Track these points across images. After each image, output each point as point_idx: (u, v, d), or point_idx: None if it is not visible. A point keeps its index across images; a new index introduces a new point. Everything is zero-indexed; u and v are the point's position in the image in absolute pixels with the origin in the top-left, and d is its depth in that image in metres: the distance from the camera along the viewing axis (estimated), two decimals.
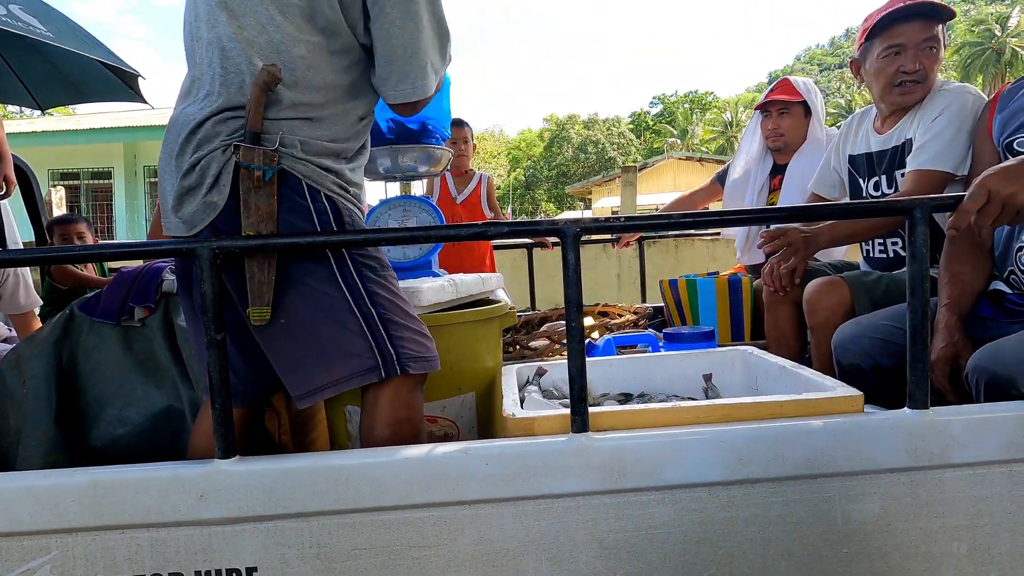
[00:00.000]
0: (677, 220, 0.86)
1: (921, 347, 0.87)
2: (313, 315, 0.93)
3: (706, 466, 0.86)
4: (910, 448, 0.87)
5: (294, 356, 0.95)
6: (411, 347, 0.97)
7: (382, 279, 0.97)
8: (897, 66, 1.45)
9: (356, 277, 0.94)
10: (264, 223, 0.89)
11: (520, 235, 0.90)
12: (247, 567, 0.87)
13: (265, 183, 0.89)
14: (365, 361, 0.94)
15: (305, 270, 0.93)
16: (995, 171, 0.87)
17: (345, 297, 0.93)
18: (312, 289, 0.93)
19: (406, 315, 0.99)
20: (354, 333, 0.93)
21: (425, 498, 0.85)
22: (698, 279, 1.98)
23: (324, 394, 0.94)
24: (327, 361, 0.94)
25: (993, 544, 0.90)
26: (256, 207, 0.89)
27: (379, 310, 0.95)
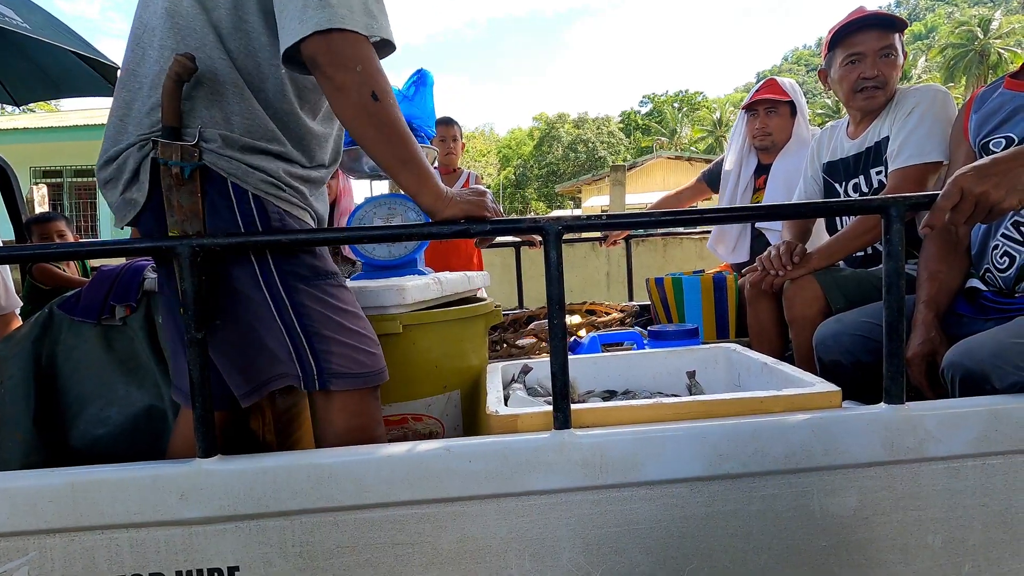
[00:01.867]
0: (658, 218, 0.86)
1: (897, 343, 0.89)
2: (241, 317, 0.92)
3: (687, 462, 0.87)
4: (886, 442, 0.88)
5: (227, 356, 0.94)
6: (339, 362, 0.94)
7: (314, 288, 0.93)
8: (857, 73, 1.52)
9: (280, 286, 0.91)
10: (189, 221, 0.86)
11: (502, 233, 0.90)
12: (229, 567, 0.86)
13: (186, 180, 0.86)
14: (289, 367, 0.93)
15: (230, 273, 0.91)
16: (968, 170, 0.89)
17: (268, 305, 0.91)
18: (239, 292, 0.91)
19: (340, 328, 0.95)
20: (277, 340, 0.92)
21: (407, 496, 0.85)
22: (684, 277, 2.00)
23: (252, 397, 0.95)
24: (252, 363, 0.93)
25: (967, 536, 0.92)
26: (179, 205, 0.86)
27: (303, 321, 0.92)
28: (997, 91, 1.23)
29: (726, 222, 1.70)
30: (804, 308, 1.44)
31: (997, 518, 0.92)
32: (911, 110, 1.45)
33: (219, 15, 0.90)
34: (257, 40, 0.92)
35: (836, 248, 1.48)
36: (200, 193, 0.88)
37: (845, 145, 1.63)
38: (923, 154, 1.40)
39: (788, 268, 1.46)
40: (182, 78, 0.84)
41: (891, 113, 1.51)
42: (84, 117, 10.81)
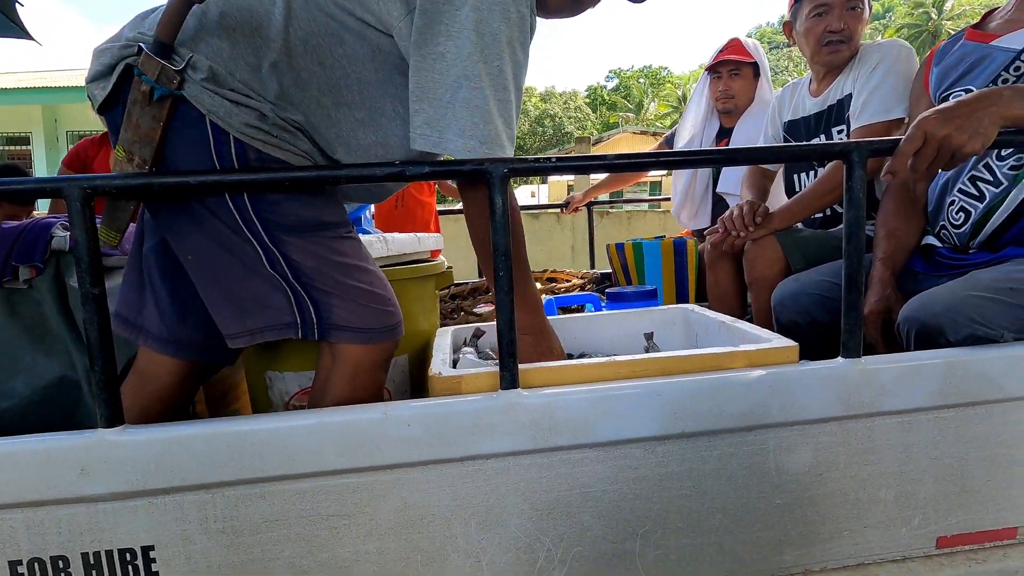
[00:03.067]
0: (610, 162, 0.80)
1: (855, 295, 0.86)
2: (225, 257, 0.83)
3: (641, 421, 0.83)
4: (843, 397, 0.86)
5: (212, 296, 0.86)
6: (341, 315, 0.87)
7: (304, 241, 0.84)
8: (824, 26, 1.47)
9: (264, 235, 0.83)
10: (140, 145, 0.77)
11: (443, 176, 0.82)
12: (143, 546, 0.78)
13: (152, 102, 0.76)
14: (282, 315, 0.85)
15: (211, 209, 0.82)
16: (932, 113, 0.85)
17: (255, 249, 0.83)
18: (222, 232, 0.82)
19: (339, 284, 0.86)
20: (270, 285, 0.84)
21: (341, 464, 0.78)
22: (644, 242, 1.96)
23: (237, 343, 0.87)
24: (240, 309, 0.85)
25: (918, 489, 0.91)
26: (136, 124, 0.77)
27: (295, 272, 0.84)
28: (958, 43, 1.20)
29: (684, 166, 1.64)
30: (765, 269, 1.42)
31: (947, 471, 0.91)
32: (875, 66, 1.42)
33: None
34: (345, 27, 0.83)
35: (798, 208, 1.45)
36: (165, 122, 0.78)
37: (807, 103, 1.60)
38: (887, 111, 1.38)
39: (750, 229, 1.42)
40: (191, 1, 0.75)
41: (855, 69, 1.48)
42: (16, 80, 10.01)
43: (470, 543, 0.83)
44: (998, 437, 0.91)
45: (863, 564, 0.92)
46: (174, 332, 0.94)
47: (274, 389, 1.12)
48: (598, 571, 0.86)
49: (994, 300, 0.94)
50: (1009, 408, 0.91)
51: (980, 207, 1.10)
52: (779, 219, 1.44)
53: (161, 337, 0.94)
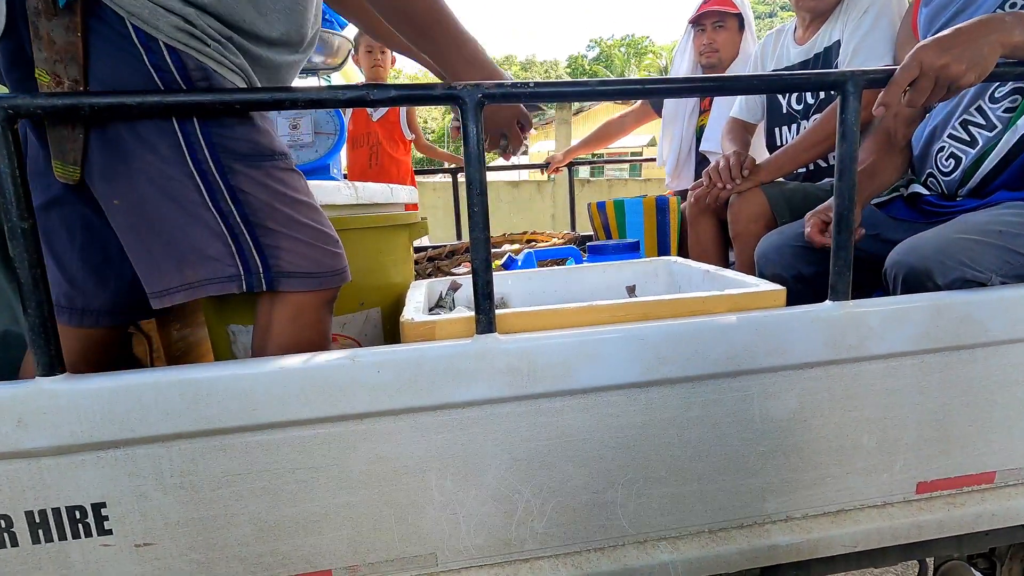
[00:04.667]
0: (594, 88, 0.74)
1: (846, 235, 0.83)
2: (160, 200, 0.74)
3: (624, 367, 0.79)
4: (829, 341, 0.84)
5: (142, 246, 0.76)
6: (289, 259, 0.80)
7: (256, 171, 0.77)
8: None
9: (212, 165, 0.74)
10: (64, 64, 0.68)
11: (413, 101, 0.75)
12: (93, 503, 0.73)
13: (60, 10, 0.66)
14: (224, 267, 0.76)
15: (145, 141, 0.72)
16: (928, 42, 0.81)
17: (197, 186, 0.74)
18: (156, 169, 0.73)
19: (290, 220, 0.80)
20: (210, 231, 0.75)
21: (308, 413, 0.73)
22: (626, 200, 1.91)
23: (174, 298, 0.77)
24: (178, 259, 0.76)
25: (900, 435, 0.90)
26: (48, 40, 0.67)
27: (243, 209, 0.76)
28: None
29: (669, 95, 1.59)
30: (749, 223, 1.39)
31: (930, 416, 0.90)
32: (864, 10, 1.37)
33: None
34: None
35: (785, 159, 1.41)
36: (81, 31, 0.68)
37: (792, 52, 1.55)
38: (879, 59, 1.34)
39: (737, 180, 1.38)
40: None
41: (843, 15, 1.43)
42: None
43: (445, 495, 0.80)
44: (981, 381, 0.90)
45: (844, 510, 0.91)
46: (90, 299, 0.85)
47: (238, 343, 1.05)
48: (578, 522, 0.84)
49: (983, 243, 0.92)
50: (993, 352, 0.89)
51: (972, 153, 1.08)
52: (766, 171, 1.40)
53: (74, 308, 0.84)
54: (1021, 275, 0.93)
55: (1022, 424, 0.94)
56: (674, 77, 1.96)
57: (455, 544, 0.81)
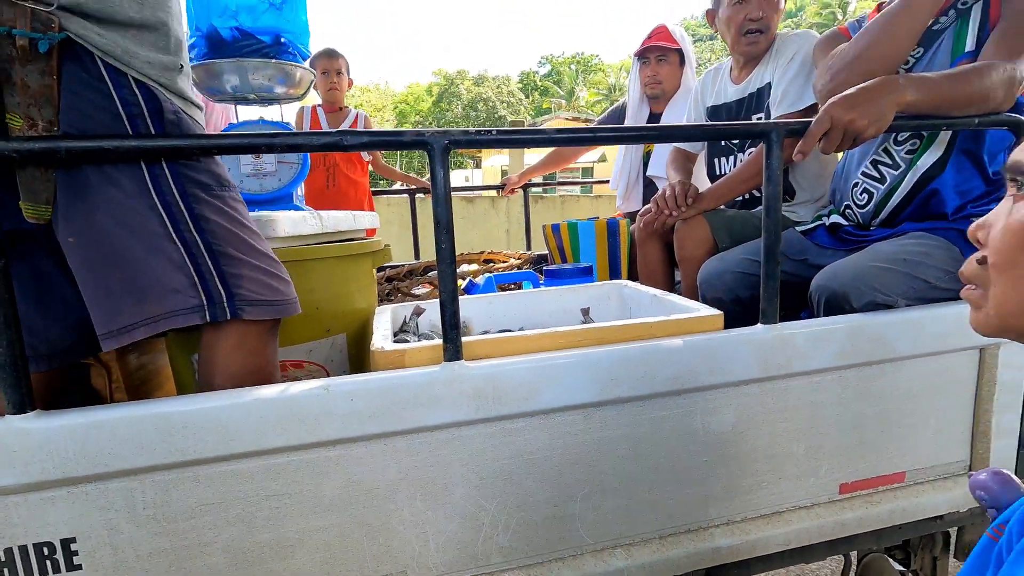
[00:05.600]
0: (549, 136, 0.82)
1: (773, 265, 0.93)
2: (119, 234, 0.75)
3: (580, 389, 0.86)
4: (761, 360, 0.93)
5: (99, 284, 0.76)
6: (250, 287, 0.82)
7: (217, 200, 0.80)
8: (744, 14, 1.56)
9: (177, 195, 0.76)
10: (39, 107, 0.70)
11: (381, 146, 0.81)
12: (62, 539, 0.73)
13: (38, 55, 0.68)
14: (186, 299, 0.78)
15: (108, 176, 0.74)
16: (838, 99, 0.93)
17: (161, 218, 0.76)
18: (117, 203, 0.74)
19: (250, 248, 0.83)
20: (172, 264, 0.77)
21: (282, 442, 0.76)
22: (579, 222, 2.00)
23: (134, 335, 0.77)
24: (138, 294, 0.76)
25: (824, 442, 1.01)
26: (23, 85, 0.68)
27: (206, 238, 0.78)
28: (863, 25, 1.30)
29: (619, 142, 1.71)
30: (694, 248, 1.50)
31: (849, 425, 1.02)
32: (792, 56, 1.52)
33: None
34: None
35: (725, 190, 1.54)
36: (56, 74, 0.70)
37: (729, 90, 1.69)
38: (802, 100, 1.48)
39: (682, 208, 1.50)
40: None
41: (773, 59, 1.57)
42: None
43: (416, 515, 0.84)
44: (891, 392, 1.02)
45: (778, 512, 1.01)
46: (52, 344, 0.84)
47: None
48: (541, 534, 0.89)
49: (891, 270, 1.04)
50: (900, 366, 1.02)
51: (882, 188, 1.22)
52: (708, 200, 1.52)
53: (38, 355, 0.83)
54: (923, 298, 1.06)
55: (926, 429, 1.07)
56: (623, 126, 2.09)
57: (425, 561, 0.86)
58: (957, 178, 1.14)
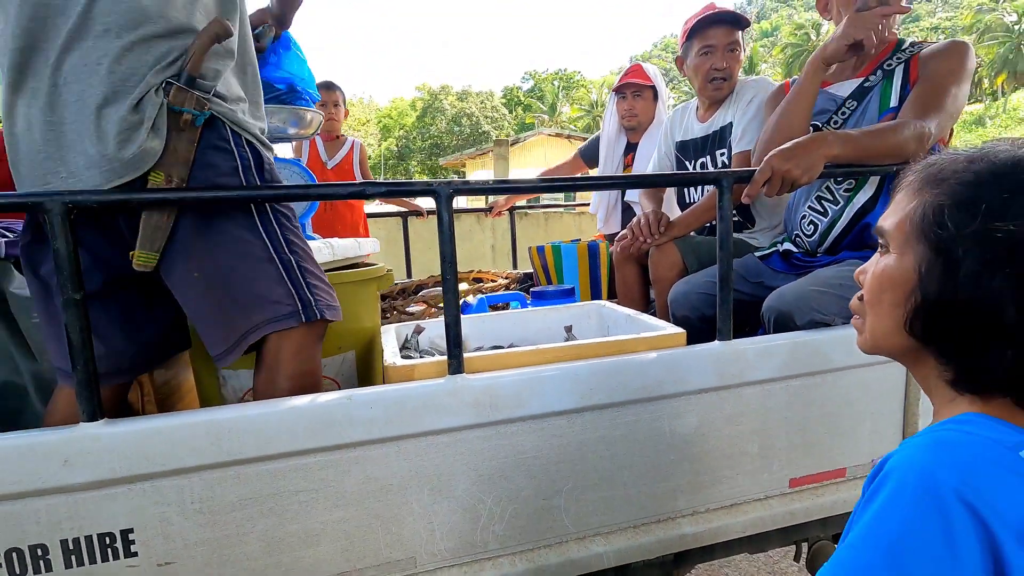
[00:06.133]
0: (541, 184, 0.97)
1: (727, 292, 1.09)
2: (234, 262, 0.93)
3: (563, 397, 1.01)
4: (718, 371, 1.09)
5: (215, 309, 0.94)
6: (323, 295, 1.01)
7: (295, 228, 1.01)
8: (710, 64, 1.76)
9: (275, 225, 0.97)
10: (177, 168, 0.88)
11: (397, 195, 0.96)
12: (122, 529, 0.85)
13: (193, 127, 0.88)
14: (284, 307, 0.95)
15: (224, 215, 0.93)
16: (777, 152, 1.11)
17: (264, 244, 0.95)
18: (233, 237, 0.93)
19: (316, 265, 1.03)
20: (273, 280, 0.95)
21: (311, 444, 0.90)
22: (562, 245, 2.17)
23: (243, 344, 0.94)
24: (246, 308, 0.94)
25: (775, 442, 1.17)
26: (174, 150, 0.87)
27: (295, 258, 0.98)
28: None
29: (599, 190, 1.91)
30: (665, 271, 1.67)
31: (796, 427, 1.18)
32: (751, 100, 1.71)
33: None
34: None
35: (692, 219, 1.72)
36: (197, 141, 0.91)
37: (695, 127, 1.88)
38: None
39: (655, 236, 1.67)
40: (219, 38, 0.90)
41: (734, 102, 1.76)
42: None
43: (423, 508, 0.97)
44: (831, 398, 1.19)
45: (736, 504, 1.16)
46: (118, 363, 1.00)
47: (228, 386, 1.19)
48: (531, 524, 1.03)
49: (828, 293, 1.22)
50: (838, 376, 1.18)
51: (825, 221, 1.40)
52: (678, 227, 1.69)
53: (109, 372, 0.99)
54: None
55: (863, 430, 1.23)
56: (600, 176, 2.31)
57: (431, 548, 0.99)
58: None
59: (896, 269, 0.57)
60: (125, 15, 0.85)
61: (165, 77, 0.89)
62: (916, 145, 1.16)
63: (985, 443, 0.50)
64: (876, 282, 0.59)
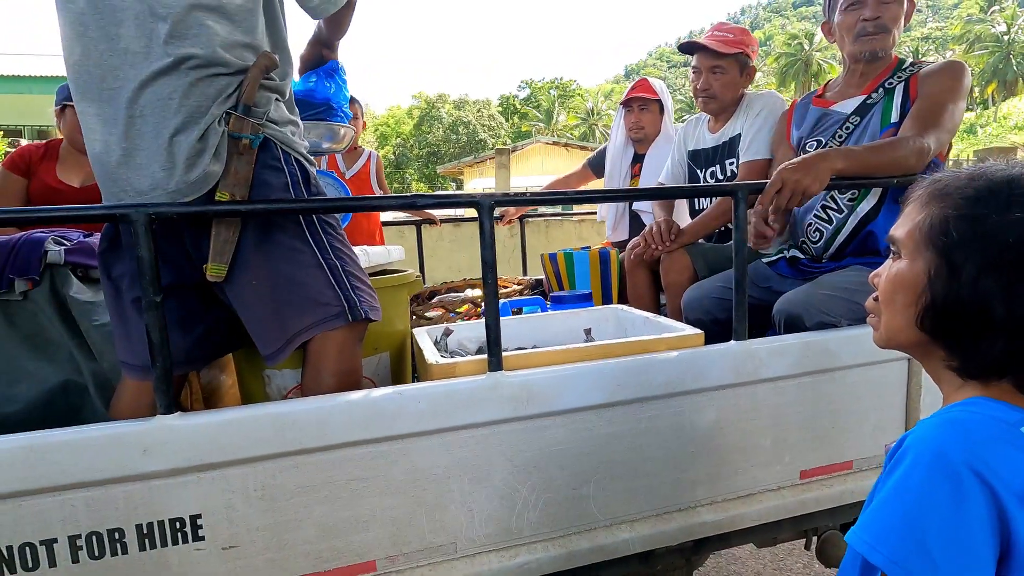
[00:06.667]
0: (575, 196, 1.06)
1: (742, 295, 1.18)
2: (287, 268, 1.02)
3: (592, 392, 1.09)
4: (734, 369, 1.17)
5: (269, 312, 1.02)
6: (367, 297, 1.10)
7: (340, 235, 1.11)
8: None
9: (322, 234, 1.06)
10: (239, 187, 0.97)
11: (444, 206, 1.06)
12: (191, 515, 0.93)
13: (250, 150, 0.97)
14: (332, 308, 1.04)
15: (278, 227, 1.02)
16: (788, 164, 1.20)
17: (313, 251, 1.04)
18: (285, 246, 1.02)
19: (359, 269, 1.12)
20: (322, 284, 1.04)
21: (365, 435, 0.97)
22: (574, 252, 2.25)
23: (294, 345, 1.03)
24: (298, 310, 1.02)
25: (787, 436, 1.25)
26: (235, 171, 0.97)
27: (341, 263, 1.07)
28: (808, 107, 1.60)
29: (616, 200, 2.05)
30: (677, 276, 1.75)
31: (806, 421, 1.26)
32: (757, 112, 1.81)
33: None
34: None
35: (700, 226, 1.80)
36: (254, 162, 1.00)
37: (706, 137, 1.97)
38: (765, 149, 1.77)
39: (667, 243, 1.75)
40: (269, 70, 1.01)
41: (742, 114, 1.86)
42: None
43: (464, 496, 1.05)
44: (838, 395, 1.27)
45: (751, 494, 1.24)
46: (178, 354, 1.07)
47: (272, 385, 1.26)
48: (562, 512, 1.11)
49: (835, 297, 1.30)
50: (845, 374, 1.26)
51: (829, 228, 1.49)
52: (688, 235, 1.78)
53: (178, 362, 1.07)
54: (860, 318, 1.32)
55: (868, 425, 1.31)
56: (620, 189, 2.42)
57: (470, 534, 1.06)
58: (889, 222, 1.41)
59: (908, 273, 0.66)
60: (204, 59, 0.96)
61: (225, 108, 0.99)
62: (916, 159, 1.26)
63: (990, 421, 0.58)
64: (890, 284, 0.68)
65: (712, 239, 1.96)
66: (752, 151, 1.81)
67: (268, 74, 1.01)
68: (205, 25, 0.95)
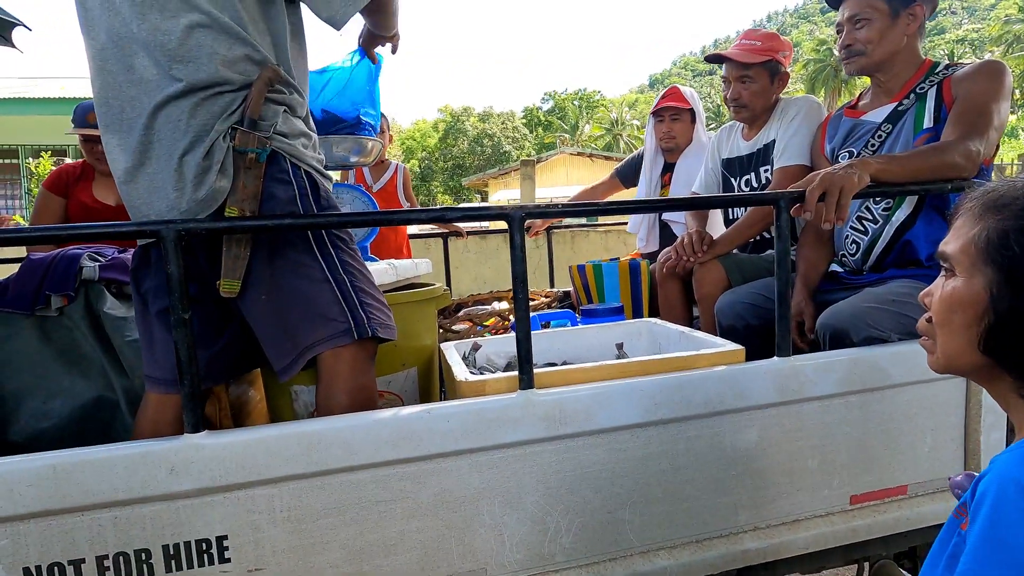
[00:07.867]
0: (608, 207, 1.02)
1: (785, 308, 1.12)
2: (295, 283, 1.00)
3: (628, 411, 1.04)
4: (778, 387, 1.11)
5: (278, 328, 1.01)
6: (377, 314, 1.07)
7: (351, 251, 1.08)
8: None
9: (331, 248, 1.04)
10: (248, 202, 0.96)
11: (473, 219, 1.03)
12: (217, 536, 0.91)
13: (258, 164, 0.96)
14: (339, 325, 1.02)
15: (285, 242, 1.00)
16: (828, 170, 1.14)
17: (321, 266, 1.02)
18: (293, 260, 1.00)
19: (371, 286, 1.09)
20: (329, 299, 1.02)
21: (392, 455, 0.94)
22: (603, 264, 2.20)
23: (304, 359, 1.01)
24: (308, 325, 1.01)
25: (835, 458, 1.17)
26: (243, 186, 0.95)
27: (350, 278, 1.04)
28: (841, 119, 1.55)
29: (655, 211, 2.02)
30: (710, 287, 1.69)
31: (856, 443, 1.18)
32: (792, 118, 1.75)
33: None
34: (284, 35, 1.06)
35: (735, 236, 1.74)
36: (262, 176, 0.99)
37: (740, 145, 1.92)
38: (800, 154, 1.71)
39: (699, 254, 1.70)
40: (272, 83, 0.99)
41: (777, 120, 1.80)
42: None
43: (494, 519, 1.01)
44: (890, 415, 1.19)
45: (797, 520, 1.17)
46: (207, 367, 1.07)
47: (300, 401, 1.25)
48: (597, 537, 1.06)
49: (883, 310, 1.23)
50: (897, 392, 1.19)
51: (866, 239, 1.42)
52: (721, 245, 1.72)
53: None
54: (912, 333, 1.24)
55: (924, 447, 1.23)
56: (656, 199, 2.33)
57: (501, 559, 1.02)
58: (927, 230, 1.34)
59: (965, 291, 0.60)
60: (207, 78, 0.96)
61: (230, 124, 0.98)
62: (966, 163, 1.19)
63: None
64: (945, 304, 0.62)
65: (747, 249, 1.90)
66: (786, 157, 1.74)
67: (273, 87, 1.00)
68: (205, 45, 0.95)
